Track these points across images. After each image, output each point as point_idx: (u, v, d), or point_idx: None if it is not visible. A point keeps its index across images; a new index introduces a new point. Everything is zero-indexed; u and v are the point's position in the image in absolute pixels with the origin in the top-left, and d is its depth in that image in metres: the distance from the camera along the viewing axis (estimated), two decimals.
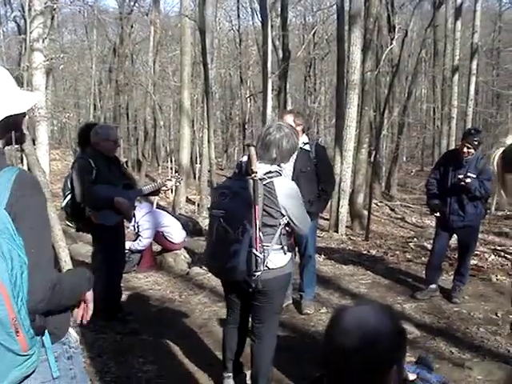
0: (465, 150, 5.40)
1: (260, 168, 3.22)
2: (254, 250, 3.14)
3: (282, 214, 3.23)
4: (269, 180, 3.19)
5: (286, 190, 3.25)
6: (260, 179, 3.16)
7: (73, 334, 2.10)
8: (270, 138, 3.28)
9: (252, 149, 3.25)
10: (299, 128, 5.01)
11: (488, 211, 7.20)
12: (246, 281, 3.23)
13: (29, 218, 1.78)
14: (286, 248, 3.33)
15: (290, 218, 3.27)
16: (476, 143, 5.37)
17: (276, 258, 3.28)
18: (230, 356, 3.65)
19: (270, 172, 3.23)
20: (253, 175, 3.17)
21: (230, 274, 3.28)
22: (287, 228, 3.33)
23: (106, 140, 4.76)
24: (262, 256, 3.16)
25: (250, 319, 3.65)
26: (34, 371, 1.85)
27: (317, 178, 5.12)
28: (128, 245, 6.52)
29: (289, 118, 4.98)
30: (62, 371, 1.96)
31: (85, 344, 4.33)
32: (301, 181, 5.02)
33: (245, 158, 3.35)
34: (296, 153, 5.00)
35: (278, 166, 3.32)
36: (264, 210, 3.16)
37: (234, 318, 3.65)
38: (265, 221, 3.19)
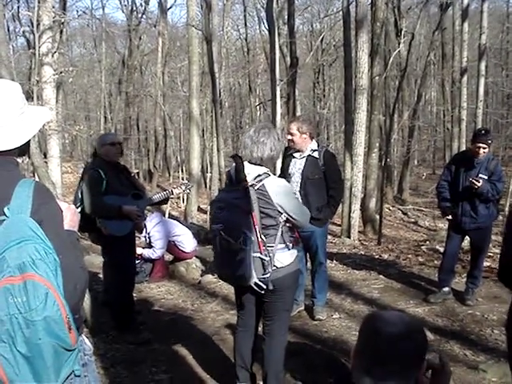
0: (480, 151, 5.33)
1: (250, 173, 3.30)
2: (259, 254, 3.22)
3: (280, 212, 3.31)
4: (260, 184, 3.28)
5: (278, 188, 3.34)
6: (251, 185, 3.24)
7: (87, 343, 2.11)
8: (255, 138, 3.36)
9: (238, 159, 3.33)
10: (305, 135, 4.98)
11: (502, 212, 7.14)
12: (257, 284, 3.28)
13: (53, 225, 1.85)
14: (290, 245, 3.43)
15: (287, 214, 3.35)
16: (490, 142, 5.34)
17: (282, 257, 3.38)
18: (241, 363, 3.64)
19: (259, 176, 3.31)
20: (243, 184, 3.25)
21: (241, 281, 3.34)
22: (288, 224, 3.41)
23: (103, 145, 4.79)
24: (267, 258, 3.25)
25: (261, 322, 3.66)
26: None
27: (325, 184, 5.10)
28: (140, 251, 6.55)
29: (293, 127, 4.98)
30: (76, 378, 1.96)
31: (98, 354, 4.34)
32: (309, 188, 5.02)
33: (233, 170, 3.43)
34: (304, 160, 5.03)
35: (266, 167, 3.39)
36: (262, 212, 3.25)
37: (244, 321, 3.66)
38: (265, 222, 3.28)
